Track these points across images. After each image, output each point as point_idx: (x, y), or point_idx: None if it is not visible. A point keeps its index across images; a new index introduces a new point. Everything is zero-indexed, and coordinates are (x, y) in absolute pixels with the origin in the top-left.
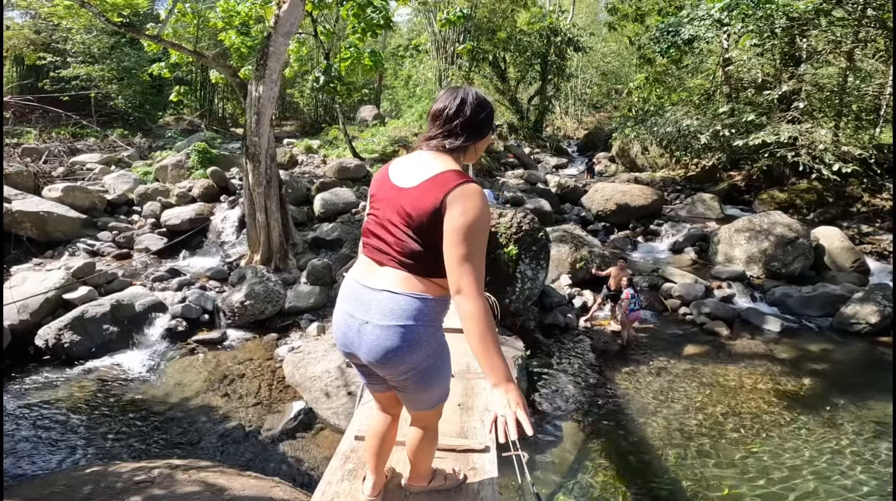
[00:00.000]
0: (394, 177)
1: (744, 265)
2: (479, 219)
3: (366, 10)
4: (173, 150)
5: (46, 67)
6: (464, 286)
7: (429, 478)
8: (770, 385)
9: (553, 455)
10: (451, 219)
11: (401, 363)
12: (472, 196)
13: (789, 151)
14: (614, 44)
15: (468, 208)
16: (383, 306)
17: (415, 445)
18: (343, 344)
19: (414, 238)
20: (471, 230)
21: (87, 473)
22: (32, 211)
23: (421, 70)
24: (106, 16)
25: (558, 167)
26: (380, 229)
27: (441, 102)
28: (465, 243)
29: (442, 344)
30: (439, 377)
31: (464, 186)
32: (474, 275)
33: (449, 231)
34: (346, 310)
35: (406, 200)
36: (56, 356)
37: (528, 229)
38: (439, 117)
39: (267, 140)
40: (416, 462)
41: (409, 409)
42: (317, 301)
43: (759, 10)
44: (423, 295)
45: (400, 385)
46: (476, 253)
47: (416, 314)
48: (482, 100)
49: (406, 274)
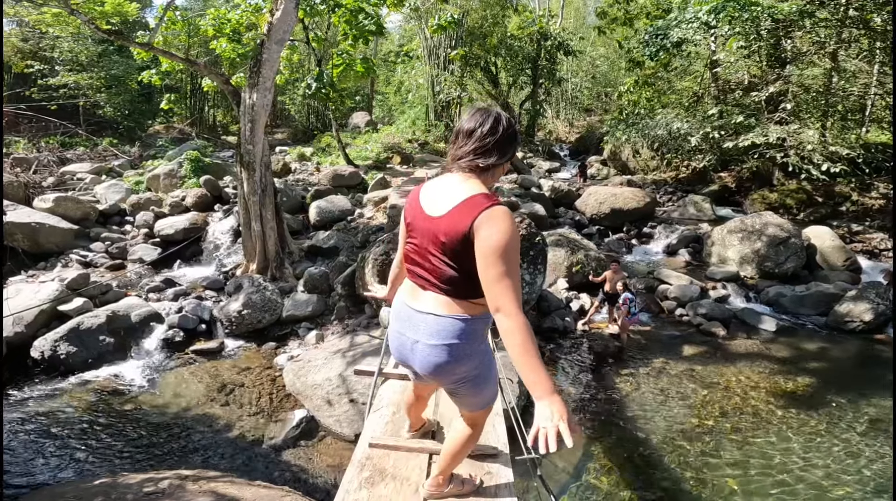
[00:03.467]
0: (425, 205)
1: (737, 266)
2: (509, 240)
3: (357, 17)
4: (165, 159)
5: (34, 76)
6: (502, 305)
7: (448, 481)
8: (768, 384)
9: (555, 458)
10: (481, 242)
11: (451, 375)
12: (499, 218)
13: (778, 151)
14: (603, 48)
15: (497, 230)
16: (430, 327)
17: (457, 440)
18: (399, 357)
19: (450, 264)
20: (503, 250)
21: (96, 484)
22: (24, 222)
23: (413, 76)
24: (95, 23)
25: (551, 171)
26: (419, 257)
27: (473, 121)
28: (498, 263)
29: (486, 354)
30: (487, 383)
31: (490, 209)
32: (511, 292)
33: (481, 254)
34: (398, 329)
35: (439, 228)
36: (53, 367)
37: (525, 233)
38: (472, 135)
39: (261, 148)
40: (449, 460)
41: (461, 410)
42: (314, 309)
43: (745, 12)
44: (463, 316)
45: (452, 391)
46: (510, 271)
47: (460, 333)
48: (511, 121)
49: (446, 298)
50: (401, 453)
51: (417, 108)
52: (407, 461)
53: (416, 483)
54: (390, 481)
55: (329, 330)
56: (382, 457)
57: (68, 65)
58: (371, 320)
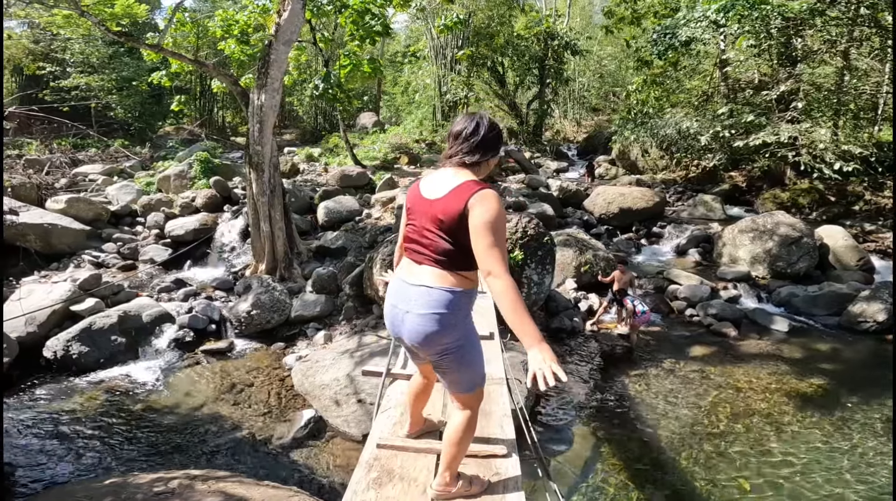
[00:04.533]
0: (424, 191)
1: (749, 266)
2: (497, 215)
3: (364, 18)
4: (175, 160)
5: (46, 77)
6: (493, 269)
7: (455, 480)
8: (780, 385)
9: (563, 458)
10: (474, 218)
11: (437, 344)
12: (489, 198)
13: (790, 150)
14: (610, 47)
15: (487, 207)
16: (421, 298)
17: (454, 428)
18: (392, 330)
19: (445, 239)
20: (492, 224)
21: (106, 484)
22: (37, 223)
23: (420, 76)
24: (105, 25)
25: (559, 171)
26: (417, 235)
27: (460, 125)
28: (489, 234)
29: (470, 330)
30: (472, 360)
31: (482, 191)
32: (500, 259)
33: (474, 228)
34: (392, 303)
35: (437, 208)
36: (65, 367)
37: (533, 233)
38: (459, 137)
39: (270, 149)
40: (450, 451)
41: (450, 392)
42: (322, 310)
43: (754, 10)
44: (452, 288)
45: (437, 364)
46: (498, 242)
47: (447, 303)
48: (493, 123)
49: (440, 271)
50: (409, 453)
51: (424, 108)
52: (415, 461)
53: (424, 484)
54: (398, 482)
55: (337, 330)
56: (390, 458)
57: (80, 67)
58: (379, 320)
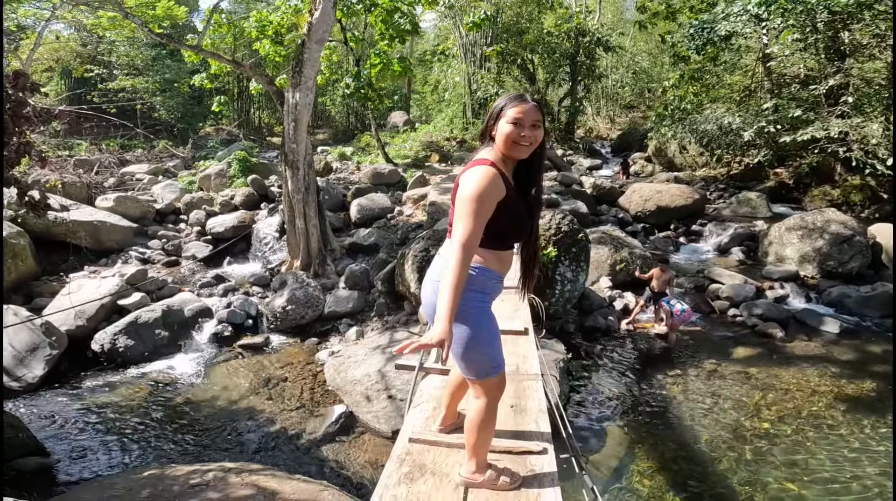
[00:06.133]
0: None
1: (797, 265)
2: (474, 188)
3: (393, 16)
4: (215, 159)
5: (94, 80)
6: (456, 236)
7: (483, 468)
8: (830, 388)
9: (596, 458)
10: (459, 191)
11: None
12: (473, 172)
13: (840, 146)
14: (643, 43)
15: (468, 180)
16: (438, 267)
17: (470, 417)
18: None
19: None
20: (466, 196)
21: (144, 476)
22: (87, 221)
23: (449, 75)
24: (148, 27)
25: (592, 169)
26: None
27: None
28: (462, 205)
29: (474, 308)
30: (478, 339)
31: (472, 168)
32: (466, 231)
33: (457, 198)
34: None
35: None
36: (111, 360)
37: (567, 230)
38: None
39: (305, 147)
40: (470, 441)
41: (466, 377)
42: (355, 306)
43: (798, 4)
44: None
45: None
46: (468, 214)
47: None
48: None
49: (448, 243)
50: (441, 448)
51: (454, 106)
52: (447, 457)
53: (456, 480)
54: (430, 477)
55: (369, 327)
56: (422, 452)
57: (125, 69)
58: (410, 316)
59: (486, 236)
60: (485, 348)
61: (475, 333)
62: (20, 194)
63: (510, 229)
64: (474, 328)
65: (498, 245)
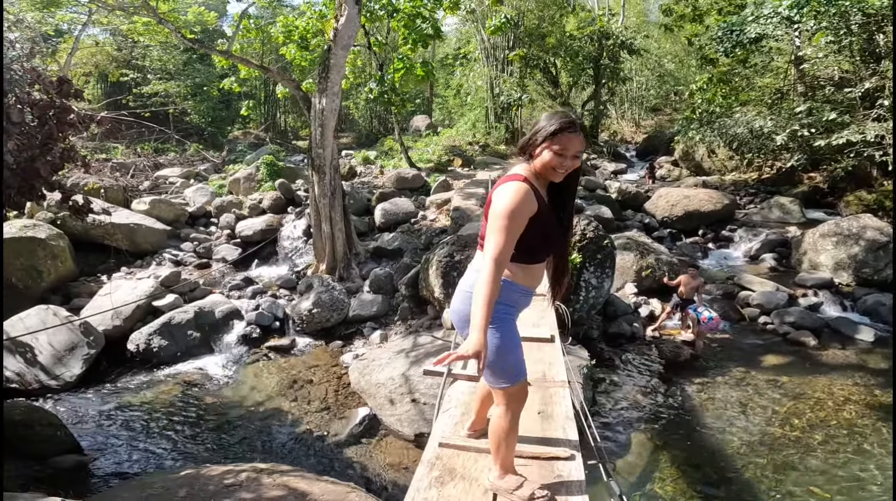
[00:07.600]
0: None
1: (831, 272)
2: (506, 204)
3: (415, 21)
4: (244, 163)
5: (129, 84)
6: (487, 252)
7: (509, 472)
8: (864, 397)
9: (620, 464)
10: (492, 207)
11: (461, 320)
12: (506, 190)
13: (876, 150)
14: (669, 45)
15: (501, 196)
16: (468, 279)
17: (492, 425)
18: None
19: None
20: (501, 213)
21: (181, 476)
22: (123, 223)
23: (471, 79)
24: (181, 32)
25: (617, 173)
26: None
27: None
28: (493, 220)
29: (501, 319)
30: (500, 348)
31: (505, 184)
32: (497, 246)
33: (489, 214)
34: None
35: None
36: (146, 360)
37: (592, 236)
38: None
39: (331, 152)
40: (492, 446)
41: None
42: (379, 310)
43: (831, 7)
44: None
45: None
46: (500, 229)
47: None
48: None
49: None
50: (470, 453)
51: (477, 110)
52: (476, 462)
53: (485, 484)
54: (459, 481)
55: (393, 330)
56: (452, 457)
57: (158, 73)
58: (434, 321)
59: (517, 250)
60: (507, 356)
61: (502, 344)
62: (64, 199)
63: (541, 244)
64: (502, 339)
65: (528, 259)
